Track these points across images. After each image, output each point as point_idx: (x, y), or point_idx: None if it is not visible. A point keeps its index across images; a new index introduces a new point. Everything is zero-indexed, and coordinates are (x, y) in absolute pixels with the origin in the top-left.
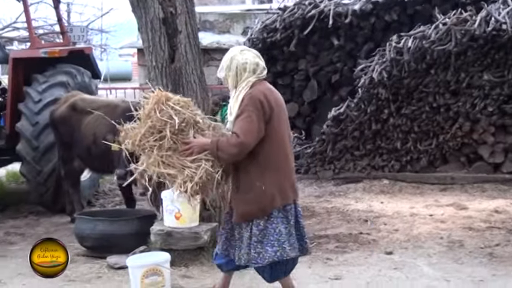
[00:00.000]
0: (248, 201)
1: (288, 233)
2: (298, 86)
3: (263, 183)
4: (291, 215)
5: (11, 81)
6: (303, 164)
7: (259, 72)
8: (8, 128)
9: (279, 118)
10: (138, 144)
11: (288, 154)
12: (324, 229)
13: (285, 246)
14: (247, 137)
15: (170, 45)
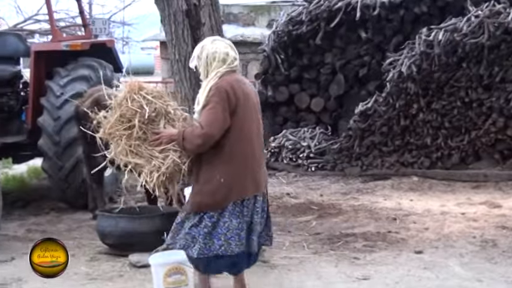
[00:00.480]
0: (205, 193)
1: (239, 228)
2: (325, 80)
3: (222, 176)
4: (248, 209)
5: (33, 75)
6: (329, 160)
7: (229, 62)
8: (29, 122)
9: (246, 110)
10: (108, 132)
11: (254, 147)
12: (351, 227)
13: (231, 242)
14: (211, 128)
15: (193, 38)
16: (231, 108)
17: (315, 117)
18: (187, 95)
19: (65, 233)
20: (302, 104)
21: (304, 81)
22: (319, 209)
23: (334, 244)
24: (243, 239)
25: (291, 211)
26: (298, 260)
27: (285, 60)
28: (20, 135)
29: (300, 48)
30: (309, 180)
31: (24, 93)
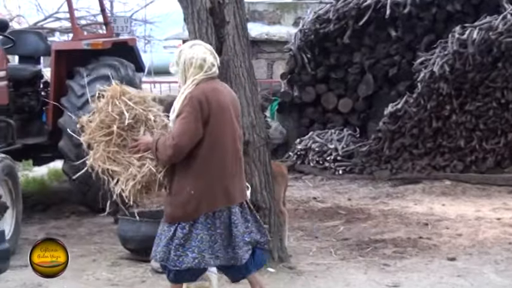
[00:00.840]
0: (176, 205)
1: (212, 240)
2: (353, 80)
3: (192, 188)
4: (221, 222)
5: (53, 75)
6: (357, 163)
7: (206, 69)
8: (50, 123)
9: (220, 120)
10: (89, 137)
11: (227, 158)
12: (381, 233)
13: (205, 254)
14: (181, 139)
15: (217, 37)
16: (204, 118)
17: (343, 119)
18: None
19: (86, 238)
20: (329, 104)
21: (331, 81)
22: (347, 214)
23: (362, 250)
24: (217, 252)
25: (317, 216)
26: (326, 266)
27: (312, 59)
28: (40, 136)
29: (327, 47)
30: (336, 183)
31: (44, 93)
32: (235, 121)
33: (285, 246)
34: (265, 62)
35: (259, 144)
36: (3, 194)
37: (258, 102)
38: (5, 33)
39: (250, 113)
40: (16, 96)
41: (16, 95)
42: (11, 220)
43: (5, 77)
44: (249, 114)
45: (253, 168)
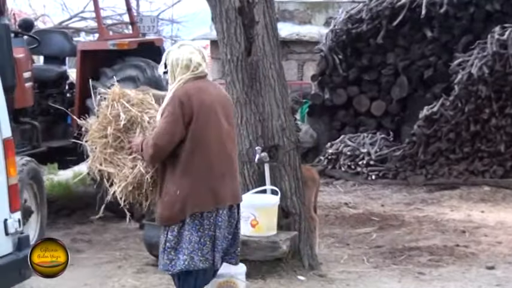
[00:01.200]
0: (164, 206)
1: (201, 242)
2: (386, 82)
3: (178, 188)
4: (210, 223)
5: (79, 76)
6: (390, 168)
7: (192, 68)
8: (75, 126)
9: (204, 120)
10: (90, 140)
11: (212, 157)
12: (415, 240)
13: (194, 255)
14: (159, 140)
15: (246, 37)
16: (186, 118)
17: (376, 122)
18: (239, 97)
19: (111, 243)
20: (361, 107)
21: (363, 83)
22: (380, 220)
23: (396, 258)
24: (206, 254)
25: (349, 222)
26: (358, 274)
27: (344, 60)
28: (65, 139)
29: (359, 48)
30: (368, 189)
31: (70, 95)
32: (223, 121)
33: (315, 254)
34: (295, 63)
35: (289, 148)
36: (28, 198)
37: (288, 105)
38: (30, 33)
39: (280, 116)
40: (41, 98)
41: (41, 96)
42: (35, 225)
43: (30, 78)
44: (278, 117)
45: (282, 173)
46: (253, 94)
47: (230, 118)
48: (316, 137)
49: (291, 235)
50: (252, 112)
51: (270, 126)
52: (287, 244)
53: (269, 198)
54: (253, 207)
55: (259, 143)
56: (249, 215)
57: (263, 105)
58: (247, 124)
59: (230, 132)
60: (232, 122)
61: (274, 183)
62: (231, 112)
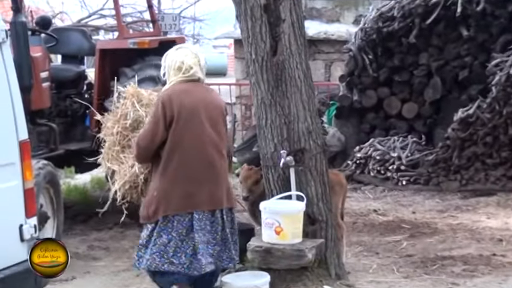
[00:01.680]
0: (143, 205)
1: (169, 245)
2: (419, 83)
3: (156, 189)
4: (183, 227)
5: (98, 76)
6: (422, 173)
7: (184, 70)
8: (94, 128)
9: (184, 123)
10: (102, 136)
11: (192, 161)
12: (449, 249)
13: (156, 257)
14: (141, 140)
15: (272, 36)
16: (167, 119)
17: (407, 125)
18: (264, 98)
19: (129, 251)
20: (392, 109)
21: (394, 85)
22: (411, 228)
23: (428, 268)
24: (172, 257)
25: (378, 230)
26: (387, 284)
27: (374, 60)
28: (83, 141)
29: (390, 48)
30: (399, 195)
31: (88, 96)
32: (207, 126)
33: (342, 263)
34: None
35: (315, 152)
36: (45, 203)
37: (315, 107)
38: (47, 30)
39: (307, 118)
40: (58, 99)
41: (59, 97)
42: (51, 231)
43: (48, 77)
44: (305, 119)
45: (308, 178)
46: (278, 95)
47: (218, 125)
48: (344, 140)
49: (317, 243)
50: (277, 114)
51: (295, 129)
52: (313, 252)
53: (294, 204)
54: (278, 213)
55: (285, 147)
56: (273, 221)
57: (289, 107)
58: (272, 126)
59: (214, 138)
60: (220, 129)
61: (300, 188)
62: (220, 118)
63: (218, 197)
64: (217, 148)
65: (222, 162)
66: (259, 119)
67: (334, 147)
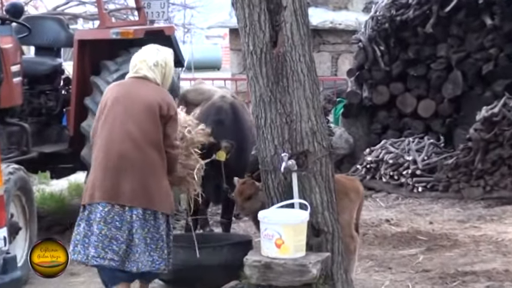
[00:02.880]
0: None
1: (79, 233)
2: (437, 77)
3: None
4: (100, 217)
5: (76, 70)
6: (441, 178)
7: (131, 68)
8: (71, 128)
9: (106, 116)
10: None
11: (111, 154)
12: (471, 264)
13: (71, 246)
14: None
15: (272, 25)
16: (99, 111)
17: (423, 125)
18: (262, 95)
19: None
20: (407, 107)
21: (409, 79)
22: (427, 240)
23: (448, 284)
24: (87, 249)
25: (391, 242)
26: None
27: (386, 52)
28: (60, 143)
29: (405, 38)
30: (414, 203)
31: (65, 92)
32: (129, 124)
33: (351, 279)
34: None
35: (320, 155)
36: (16, 212)
37: (320, 105)
38: (19, 19)
39: (311, 117)
40: (32, 96)
41: (32, 94)
42: (23, 243)
43: (19, 72)
44: (308, 118)
45: (312, 184)
46: (279, 91)
47: (142, 122)
48: (353, 142)
49: (323, 257)
50: (277, 112)
51: (298, 129)
52: (318, 267)
53: (297, 214)
54: (278, 224)
55: (286, 149)
56: (274, 233)
57: (290, 104)
58: (272, 126)
59: (133, 133)
60: (144, 126)
61: (303, 196)
62: (145, 116)
63: (124, 192)
64: (136, 143)
65: (143, 158)
66: (257, 118)
67: (341, 150)
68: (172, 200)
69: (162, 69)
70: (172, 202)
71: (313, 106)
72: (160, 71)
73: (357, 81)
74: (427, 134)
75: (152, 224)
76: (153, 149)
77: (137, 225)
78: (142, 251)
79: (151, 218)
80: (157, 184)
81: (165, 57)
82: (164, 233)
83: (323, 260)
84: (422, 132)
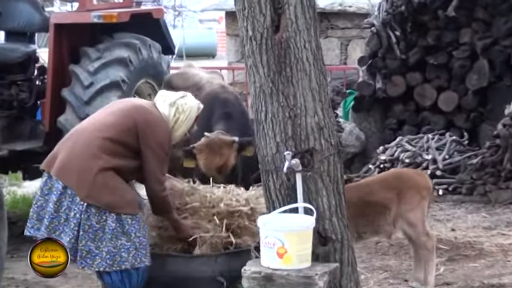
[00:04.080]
0: None
1: (39, 205)
2: (460, 67)
3: None
4: (46, 188)
5: (52, 57)
6: (464, 180)
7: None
8: (47, 123)
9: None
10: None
11: (76, 135)
12: (498, 276)
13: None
14: None
15: (274, 7)
16: None
17: (445, 120)
18: (263, 86)
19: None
20: (426, 100)
21: (428, 69)
22: (449, 250)
23: None
24: (40, 222)
25: (407, 252)
26: None
27: (402, 38)
28: (33, 140)
29: (423, 22)
30: (434, 208)
31: (40, 83)
32: (92, 129)
33: None
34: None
35: (327, 154)
36: None
37: (328, 97)
38: None
39: (317, 111)
40: (1, 87)
41: (1, 84)
42: None
43: None
44: (314, 112)
45: (319, 186)
46: (281, 82)
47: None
48: (365, 139)
49: (330, 268)
50: (279, 105)
51: (303, 124)
52: (325, 280)
53: (301, 219)
54: (281, 230)
55: (289, 146)
56: (275, 241)
57: (294, 96)
58: (274, 121)
59: (105, 127)
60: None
61: (309, 199)
62: (125, 122)
63: (56, 162)
64: (100, 129)
65: (93, 140)
66: (257, 111)
67: (351, 148)
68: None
69: (176, 112)
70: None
71: (320, 98)
72: (174, 113)
73: (369, 71)
74: (449, 130)
75: (68, 205)
76: (112, 144)
77: (63, 202)
78: (65, 232)
79: (69, 199)
80: (88, 169)
81: (187, 104)
82: (87, 225)
83: (331, 271)
84: (443, 128)
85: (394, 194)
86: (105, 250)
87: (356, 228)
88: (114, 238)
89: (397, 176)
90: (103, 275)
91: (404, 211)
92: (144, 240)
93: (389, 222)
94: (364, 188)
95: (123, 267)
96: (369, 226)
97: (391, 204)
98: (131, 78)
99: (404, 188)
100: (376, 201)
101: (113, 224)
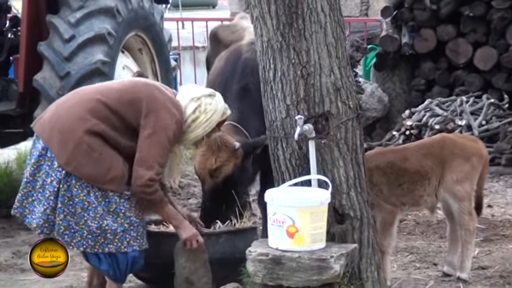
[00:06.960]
0: None
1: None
2: (499, 19)
3: None
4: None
5: (27, 6)
6: (504, 149)
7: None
8: (21, 82)
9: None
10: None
11: (65, 105)
12: None
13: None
14: None
15: None
16: None
17: (481, 80)
18: (271, 40)
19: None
20: (459, 57)
21: (463, 21)
22: (485, 229)
23: (510, 285)
24: (26, 201)
25: (437, 232)
26: None
27: None
28: (5, 102)
29: None
30: None
31: (12, 36)
32: (93, 91)
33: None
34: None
35: (345, 118)
36: None
37: (346, 53)
38: None
39: (333, 70)
40: None
41: None
42: None
43: None
44: (330, 71)
45: (335, 155)
46: (292, 36)
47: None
48: (388, 101)
49: (348, 249)
50: (290, 63)
51: (317, 84)
52: (341, 263)
53: (315, 194)
54: (291, 206)
55: (301, 110)
56: (285, 218)
57: (307, 52)
58: (283, 81)
59: (88, 95)
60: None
61: (323, 170)
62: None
63: (50, 131)
64: (96, 97)
65: (95, 109)
66: (264, 70)
67: (373, 112)
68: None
69: (197, 110)
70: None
71: (337, 55)
72: (195, 109)
73: (394, 23)
74: (486, 92)
75: (45, 170)
76: (107, 111)
77: (42, 165)
78: (38, 200)
79: (48, 162)
80: (73, 129)
81: (212, 105)
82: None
83: (348, 253)
84: (479, 89)
85: (435, 161)
86: (87, 229)
87: (395, 198)
88: (99, 217)
89: (440, 141)
90: (88, 255)
91: (450, 182)
92: (135, 221)
93: (430, 193)
94: (399, 153)
95: (106, 250)
96: (406, 196)
97: (430, 173)
98: (119, 30)
99: (449, 155)
100: (410, 168)
101: (96, 200)
